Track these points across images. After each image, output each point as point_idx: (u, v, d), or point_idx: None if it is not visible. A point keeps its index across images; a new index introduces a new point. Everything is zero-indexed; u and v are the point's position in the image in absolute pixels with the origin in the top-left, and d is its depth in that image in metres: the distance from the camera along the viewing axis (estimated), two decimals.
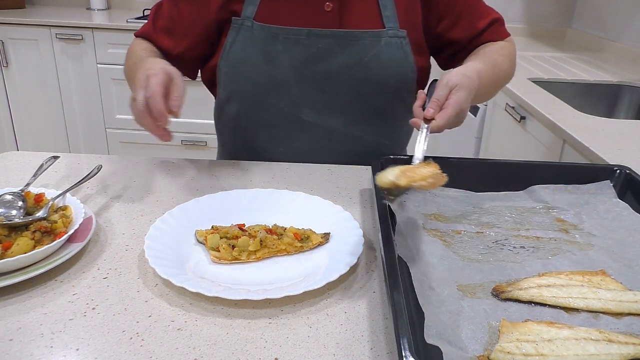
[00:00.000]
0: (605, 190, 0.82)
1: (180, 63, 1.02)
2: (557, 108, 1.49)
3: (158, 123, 0.74)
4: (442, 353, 0.47)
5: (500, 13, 1.05)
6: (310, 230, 0.73)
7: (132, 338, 0.54)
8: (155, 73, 0.77)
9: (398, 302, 0.50)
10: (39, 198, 0.75)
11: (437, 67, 1.09)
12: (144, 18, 2.85)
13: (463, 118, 0.84)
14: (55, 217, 0.70)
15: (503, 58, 0.96)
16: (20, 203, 0.72)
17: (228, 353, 0.53)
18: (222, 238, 0.69)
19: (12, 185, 0.80)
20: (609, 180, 0.83)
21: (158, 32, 1.00)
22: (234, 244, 0.69)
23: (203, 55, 1.03)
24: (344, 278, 0.64)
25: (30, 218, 0.69)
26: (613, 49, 2.40)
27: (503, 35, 1.04)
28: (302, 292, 0.59)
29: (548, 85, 1.77)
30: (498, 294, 0.60)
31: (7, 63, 2.83)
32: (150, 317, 0.58)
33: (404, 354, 0.44)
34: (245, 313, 0.59)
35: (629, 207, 0.78)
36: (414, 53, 0.98)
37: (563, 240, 0.72)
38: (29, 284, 0.62)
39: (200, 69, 1.06)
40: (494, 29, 1.03)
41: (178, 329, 0.56)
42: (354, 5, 0.95)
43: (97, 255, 0.69)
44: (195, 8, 0.97)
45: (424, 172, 0.69)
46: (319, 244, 0.71)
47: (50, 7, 3.23)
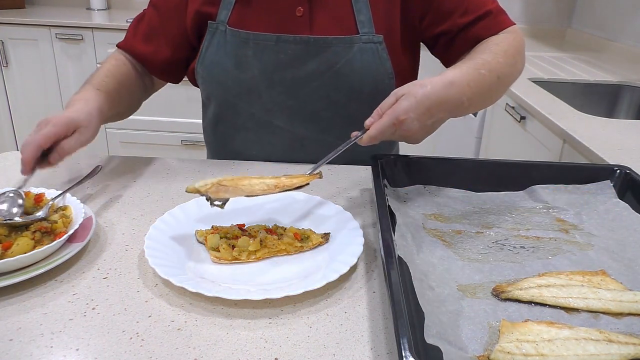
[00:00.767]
0: (605, 190, 0.82)
1: (162, 68, 1.03)
2: (557, 108, 1.49)
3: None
4: (442, 353, 0.47)
5: None
6: (310, 230, 0.73)
7: (132, 338, 0.54)
8: (54, 123, 0.78)
9: (398, 302, 0.50)
10: (39, 198, 0.75)
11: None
12: None
13: (411, 135, 0.78)
14: (55, 217, 0.70)
15: (495, 56, 0.87)
16: (20, 201, 0.72)
17: (228, 353, 0.53)
18: (222, 238, 0.69)
19: (12, 185, 0.79)
20: (609, 180, 0.83)
21: (138, 40, 1.00)
22: (234, 244, 0.69)
23: (186, 59, 1.03)
24: (344, 278, 0.64)
25: (30, 218, 0.69)
26: (613, 49, 2.40)
27: (498, 27, 0.94)
28: (302, 292, 0.59)
29: (548, 85, 1.77)
30: (498, 294, 0.60)
31: (7, 63, 2.83)
32: (150, 317, 0.58)
33: (404, 354, 0.44)
34: (245, 313, 0.59)
35: (629, 207, 0.78)
36: (394, 56, 0.94)
37: (563, 240, 0.72)
38: (29, 284, 0.62)
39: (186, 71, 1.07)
40: (486, 23, 0.94)
41: (178, 329, 0.56)
42: (326, 11, 0.93)
43: (97, 255, 0.69)
44: (175, 13, 0.97)
45: (247, 182, 0.70)
46: (319, 244, 0.71)
47: (50, 7, 3.23)
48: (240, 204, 0.80)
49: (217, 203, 0.70)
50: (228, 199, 0.70)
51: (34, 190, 0.76)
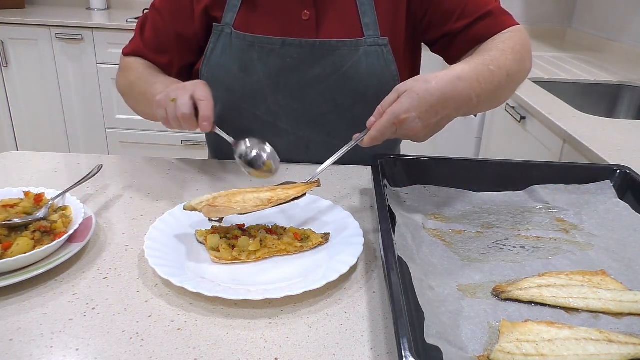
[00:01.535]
0: (605, 190, 0.82)
1: (175, 75, 1.02)
2: (557, 108, 1.49)
3: (202, 124, 0.79)
4: (442, 353, 0.47)
5: None
6: (310, 230, 0.73)
7: (132, 338, 0.54)
8: (204, 83, 0.82)
9: (398, 302, 0.50)
10: (39, 198, 0.74)
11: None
12: None
13: (414, 135, 0.75)
14: (55, 217, 0.70)
15: (502, 53, 0.85)
16: (267, 148, 0.85)
17: (228, 353, 0.53)
18: (222, 238, 0.69)
19: (12, 185, 0.80)
20: (609, 180, 0.83)
21: (149, 50, 1.00)
22: (234, 244, 0.69)
23: (193, 62, 1.03)
24: (344, 278, 0.64)
25: (30, 218, 0.69)
26: (613, 49, 2.40)
27: (500, 27, 0.92)
28: (302, 292, 0.59)
29: (548, 85, 1.77)
30: (498, 294, 0.60)
31: (7, 63, 2.83)
32: (150, 317, 0.58)
33: (404, 354, 0.44)
34: (245, 313, 0.59)
35: (629, 207, 0.78)
36: (398, 58, 0.94)
37: (563, 240, 0.72)
38: (29, 284, 0.62)
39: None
40: (486, 24, 0.92)
41: (178, 329, 0.56)
42: (332, 13, 0.92)
43: (97, 255, 0.69)
44: (181, 17, 0.96)
45: (240, 199, 0.71)
46: (319, 244, 0.71)
47: (50, 7, 3.23)
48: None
49: (214, 218, 0.72)
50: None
51: (34, 190, 0.76)
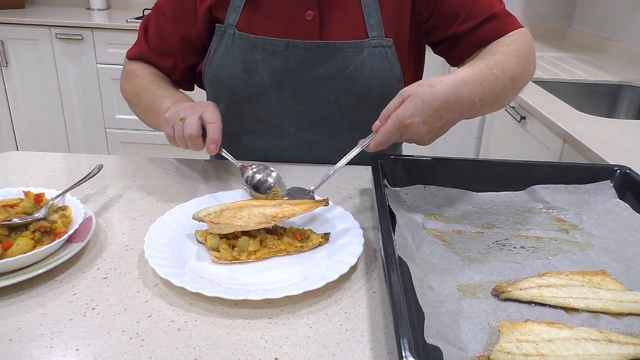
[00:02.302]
0: (606, 190, 0.82)
1: (182, 80, 1.03)
2: (557, 108, 1.49)
3: (209, 146, 0.80)
4: (442, 353, 0.47)
5: None
6: (310, 230, 0.73)
7: (132, 338, 0.54)
8: (214, 105, 0.84)
9: (398, 302, 0.50)
10: (39, 198, 0.74)
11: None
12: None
13: (419, 139, 0.75)
14: (55, 217, 0.70)
15: (507, 56, 0.85)
16: (274, 174, 0.86)
17: (228, 353, 0.53)
18: (222, 238, 0.69)
19: (12, 185, 0.80)
20: (609, 180, 0.83)
21: (153, 54, 1.00)
22: (234, 244, 0.69)
23: (196, 63, 1.03)
24: (344, 278, 0.64)
25: (30, 218, 0.69)
26: (613, 49, 2.40)
27: (505, 30, 0.93)
28: (302, 292, 0.59)
29: (548, 85, 1.77)
30: (498, 294, 0.60)
31: (7, 63, 2.83)
32: (150, 317, 0.58)
33: (404, 354, 0.44)
34: (245, 313, 0.59)
35: (629, 207, 0.78)
36: (403, 60, 0.94)
37: (563, 240, 0.72)
38: (29, 284, 0.62)
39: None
40: (491, 26, 0.92)
41: (178, 329, 0.56)
42: (337, 14, 0.92)
43: (97, 255, 0.69)
44: (185, 18, 0.96)
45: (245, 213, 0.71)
46: (319, 244, 0.71)
47: (50, 7, 3.23)
48: None
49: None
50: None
51: (34, 190, 0.76)
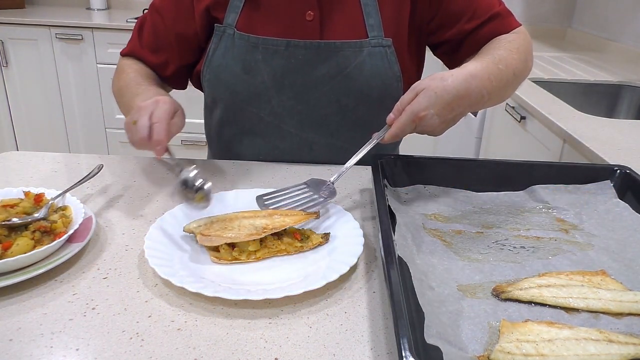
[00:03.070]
0: (606, 190, 0.82)
1: (173, 77, 1.02)
2: (557, 108, 1.49)
3: (155, 151, 0.74)
4: (442, 353, 0.47)
5: None
6: (310, 230, 0.73)
7: (132, 338, 0.54)
8: (165, 101, 0.77)
9: (398, 302, 0.50)
10: (39, 198, 0.74)
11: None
12: None
13: (432, 130, 0.78)
14: (55, 217, 0.70)
15: (510, 54, 0.88)
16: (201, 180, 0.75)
17: (228, 353, 0.53)
18: None
19: (12, 185, 0.80)
20: (609, 180, 0.83)
21: (146, 51, 0.99)
22: (234, 244, 0.69)
23: (192, 64, 1.02)
24: (344, 278, 0.64)
25: (29, 218, 0.69)
26: (613, 49, 2.40)
27: (507, 28, 0.96)
28: (302, 292, 0.59)
29: (548, 85, 1.77)
30: (498, 294, 0.60)
31: (7, 63, 2.83)
32: (150, 317, 0.58)
33: (404, 354, 0.44)
34: (245, 313, 0.59)
35: (629, 207, 0.78)
36: (401, 59, 0.95)
37: (563, 240, 0.72)
38: (29, 284, 0.62)
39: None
40: (494, 25, 0.95)
41: (178, 329, 0.56)
42: (337, 14, 0.92)
43: (97, 255, 0.69)
44: (182, 17, 0.96)
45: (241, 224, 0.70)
46: (319, 244, 0.71)
47: (50, 7, 3.23)
48: (240, 205, 0.80)
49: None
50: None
51: (34, 190, 0.76)
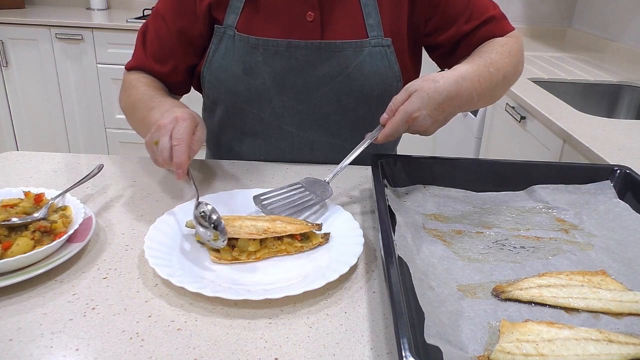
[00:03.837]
0: (606, 190, 0.82)
1: (179, 85, 1.02)
2: (557, 108, 1.49)
3: (176, 173, 0.73)
4: (442, 353, 0.47)
5: None
6: (311, 231, 0.73)
7: (132, 338, 0.54)
8: (184, 118, 0.76)
9: (398, 302, 0.50)
10: (39, 198, 0.74)
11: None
12: (144, 18, 2.85)
13: (425, 131, 0.80)
14: (55, 217, 0.70)
15: (501, 57, 0.90)
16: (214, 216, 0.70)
17: (228, 353, 0.53)
18: None
19: (12, 186, 0.80)
20: (609, 180, 0.83)
21: (149, 60, 0.99)
22: (234, 244, 0.69)
23: (197, 64, 1.01)
24: (344, 278, 0.64)
25: (29, 218, 0.69)
26: (613, 49, 2.40)
27: (501, 32, 0.98)
28: (302, 292, 0.59)
29: (548, 85, 1.77)
30: (498, 294, 0.60)
31: (7, 63, 2.83)
32: (150, 317, 0.58)
33: (404, 354, 0.44)
34: (245, 313, 0.59)
35: (629, 207, 0.78)
36: (401, 59, 0.95)
37: (563, 240, 0.72)
38: (29, 284, 0.62)
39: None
40: (489, 28, 0.97)
41: (178, 329, 0.56)
42: (337, 14, 0.93)
43: (97, 255, 0.69)
44: (185, 17, 0.95)
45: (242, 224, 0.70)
46: (319, 244, 0.71)
47: (50, 7, 3.23)
48: (240, 205, 0.80)
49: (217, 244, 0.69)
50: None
51: (34, 190, 0.76)
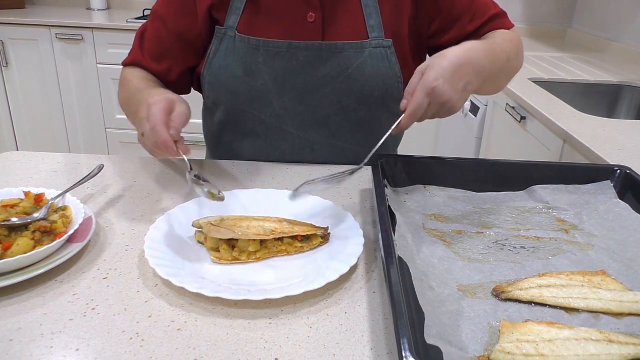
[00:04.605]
0: (606, 190, 0.82)
1: (176, 84, 1.01)
2: (557, 108, 1.49)
3: (167, 152, 0.73)
4: (442, 353, 0.47)
5: None
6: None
7: (132, 338, 0.54)
8: (155, 101, 0.76)
9: (398, 302, 0.50)
10: (39, 198, 0.74)
11: None
12: (144, 18, 2.85)
13: (448, 100, 0.77)
14: (55, 217, 0.70)
15: (504, 41, 0.91)
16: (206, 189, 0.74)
17: (228, 353, 0.53)
18: (221, 238, 0.69)
19: (12, 186, 0.80)
20: (609, 180, 0.83)
21: (147, 58, 0.98)
22: (234, 244, 0.69)
23: (195, 65, 1.01)
24: (344, 278, 0.64)
25: (29, 218, 0.69)
26: (613, 49, 2.40)
27: (503, 27, 0.99)
28: (302, 292, 0.59)
29: (548, 85, 1.77)
30: (498, 294, 0.60)
31: (7, 63, 2.83)
32: (150, 317, 0.58)
33: (404, 354, 0.44)
34: (245, 313, 0.59)
35: (629, 207, 0.78)
36: (402, 60, 0.95)
37: (563, 240, 0.72)
38: (29, 284, 0.62)
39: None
40: (492, 25, 0.98)
41: (178, 329, 0.56)
42: (338, 15, 0.92)
43: (97, 255, 0.69)
44: (184, 18, 0.95)
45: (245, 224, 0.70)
46: (319, 244, 0.71)
47: (50, 7, 3.23)
48: (240, 206, 0.80)
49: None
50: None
51: (34, 190, 0.76)
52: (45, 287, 0.62)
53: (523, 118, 1.64)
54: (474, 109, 2.11)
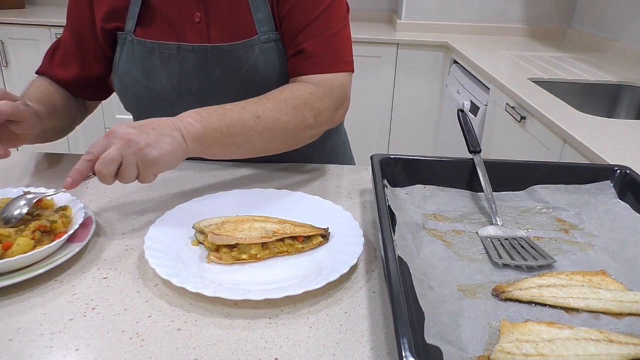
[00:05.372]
0: (606, 190, 0.82)
1: (84, 88, 1.00)
2: (557, 108, 1.49)
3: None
4: (442, 353, 0.47)
5: (500, 13, 0.99)
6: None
7: (132, 338, 0.54)
8: None
9: (398, 302, 0.50)
10: (39, 200, 0.74)
11: None
12: None
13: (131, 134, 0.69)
14: (55, 217, 0.70)
15: (266, 100, 0.83)
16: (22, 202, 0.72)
17: (228, 353, 0.53)
18: None
19: (12, 186, 0.80)
20: (609, 180, 0.83)
21: (55, 65, 0.98)
22: (235, 245, 0.68)
23: (104, 74, 1.00)
24: (344, 278, 0.64)
25: (41, 194, 0.69)
26: (613, 49, 2.40)
27: (312, 71, 0.88)
28: (302, 292, 0.59)
29: (548, 85, 1.77)
30: (498, 294, 0.60)
31: (7, 63, 2.83)
32: (150, 317, 0.58)
33: (404, 354, 0.44)
34: (245, 313, 0.59)
35: (629, 207, 0.78)
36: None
37: (563, 240, 0.72)
38: (29, 284, 0.62)
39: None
40: (296, 61, 0.89)
41: (178, 329, 0.56)
42: (223, 13, 0.90)
43: (97, 255, 0.69)
44: (86, 30, 0.94)
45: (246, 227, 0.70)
46: (319, 244, 0.71)
47: (50, 7, 3.23)
48: (240, 206, 0.80)
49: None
50: None
51: (34, 190, 0.76)
52: (45, 287, 0.62)
53: (523, 118, 1.64)
54: (474, 109, 2.11)
